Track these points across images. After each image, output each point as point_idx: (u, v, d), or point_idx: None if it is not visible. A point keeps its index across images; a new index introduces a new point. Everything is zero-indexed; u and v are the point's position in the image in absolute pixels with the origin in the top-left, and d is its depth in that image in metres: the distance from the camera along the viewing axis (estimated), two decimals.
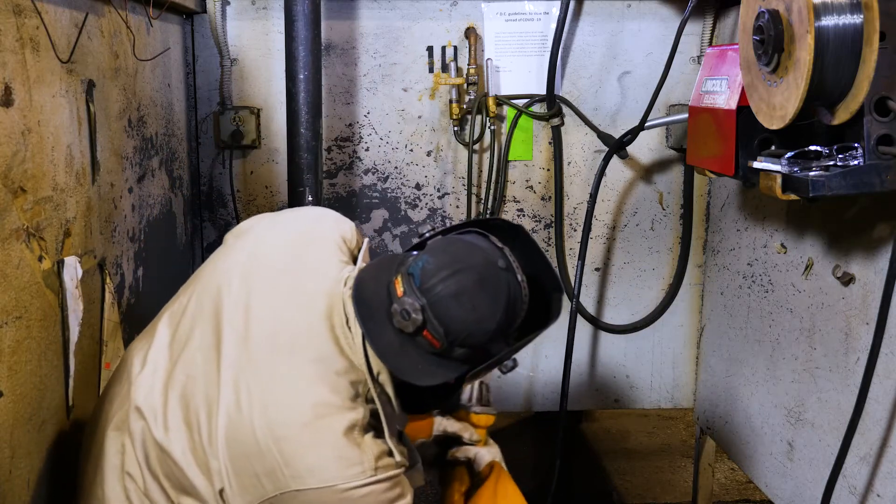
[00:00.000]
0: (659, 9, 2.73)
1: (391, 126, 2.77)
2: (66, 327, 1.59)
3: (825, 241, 2.04)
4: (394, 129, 2.77)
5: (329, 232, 1.60)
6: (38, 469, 1.49)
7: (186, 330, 1.52)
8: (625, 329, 2.94)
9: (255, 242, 1.58)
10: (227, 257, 1.58)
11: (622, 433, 4.18)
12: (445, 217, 2.84)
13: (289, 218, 1.69)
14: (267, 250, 1.56)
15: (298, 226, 1.63)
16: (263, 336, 1.45)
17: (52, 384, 1.55)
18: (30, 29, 1.44)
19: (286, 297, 1.49)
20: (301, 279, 1.51)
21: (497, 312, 1.38)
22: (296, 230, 1.62)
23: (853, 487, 1.89)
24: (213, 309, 1.50)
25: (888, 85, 1.49)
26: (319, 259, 1.54)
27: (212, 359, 1.47)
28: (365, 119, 2.76)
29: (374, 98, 2.75)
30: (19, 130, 1.40)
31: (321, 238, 1.59)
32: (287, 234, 1.60)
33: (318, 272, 1.52)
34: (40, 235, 1.48)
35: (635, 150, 2.80)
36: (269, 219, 1.68)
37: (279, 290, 1.49)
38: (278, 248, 1.57)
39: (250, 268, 1.53)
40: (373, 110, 2.76)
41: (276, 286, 1.50)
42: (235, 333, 1.46)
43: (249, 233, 1.62)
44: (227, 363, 1.44)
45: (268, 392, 1.40)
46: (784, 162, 1.67)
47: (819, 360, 2.06)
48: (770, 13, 1.55)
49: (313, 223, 1.63)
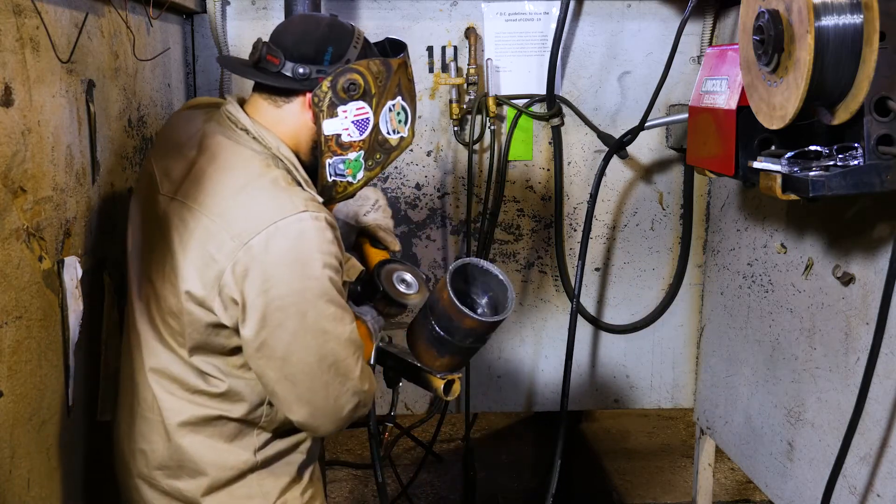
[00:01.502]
0: (659, 9, 2.73)
1: None
2: (66, 327, 1.59)
3: (825, 241, 2.04)
4: None
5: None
6: (38, 469, 1.49)
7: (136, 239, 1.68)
8: (625, 329, 2.94)
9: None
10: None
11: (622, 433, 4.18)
12: (445, 217, 2.84)
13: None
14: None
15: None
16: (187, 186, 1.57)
17: (52, 384, 1.55)
18: (30, 29, 1.44)
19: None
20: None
21: (320, 24, 1.59)
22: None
23: (853, 487, 1.89)
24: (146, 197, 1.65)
25: (888, 85, 1.49)
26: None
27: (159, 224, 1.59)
28: None
29: None
30: (19, 130, 1.40)
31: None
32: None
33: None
34: (40, 235, 1.48)
35: (635, 150, 2.80)
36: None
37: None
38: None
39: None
40: None
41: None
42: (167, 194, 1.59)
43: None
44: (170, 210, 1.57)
45: (204, 204, 1.51)
46: (784, 162, 1.66)
47: (819, 360, 2.06)
48: (770, 13, 1.55)
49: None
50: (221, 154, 1.55)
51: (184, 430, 1.58)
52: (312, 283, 1.47)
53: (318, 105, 1.55)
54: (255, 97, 1.62)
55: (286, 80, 1.56)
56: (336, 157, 1.59)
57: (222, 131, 1.59)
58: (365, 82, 1.56)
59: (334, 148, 1.59)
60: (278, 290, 1.46)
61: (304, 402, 1.54)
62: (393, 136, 1.64)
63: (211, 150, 1.56)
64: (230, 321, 1.50)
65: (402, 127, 1.66)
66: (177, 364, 1.57)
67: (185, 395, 1.58)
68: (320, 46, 1.56)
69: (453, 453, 3.85)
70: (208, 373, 1.57)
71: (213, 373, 1.57)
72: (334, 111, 1.56)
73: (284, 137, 1.59)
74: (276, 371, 1.51)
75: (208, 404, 1.58)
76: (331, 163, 1.60)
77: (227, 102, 1.63)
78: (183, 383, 1.57)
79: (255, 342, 1.49)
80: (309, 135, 1.60)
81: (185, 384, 1.57)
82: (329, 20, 1.61)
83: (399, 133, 1.65)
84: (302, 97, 1.57)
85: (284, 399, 1.54)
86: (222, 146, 1.56)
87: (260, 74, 1.58)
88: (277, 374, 1.51)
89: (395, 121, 1.64)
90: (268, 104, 1.60)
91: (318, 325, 1.49)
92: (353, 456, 3.88)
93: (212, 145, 1.57)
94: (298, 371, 1.51)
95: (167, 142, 1.68)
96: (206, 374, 1.57)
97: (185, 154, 1.59)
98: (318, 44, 1.56)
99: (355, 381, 1.56)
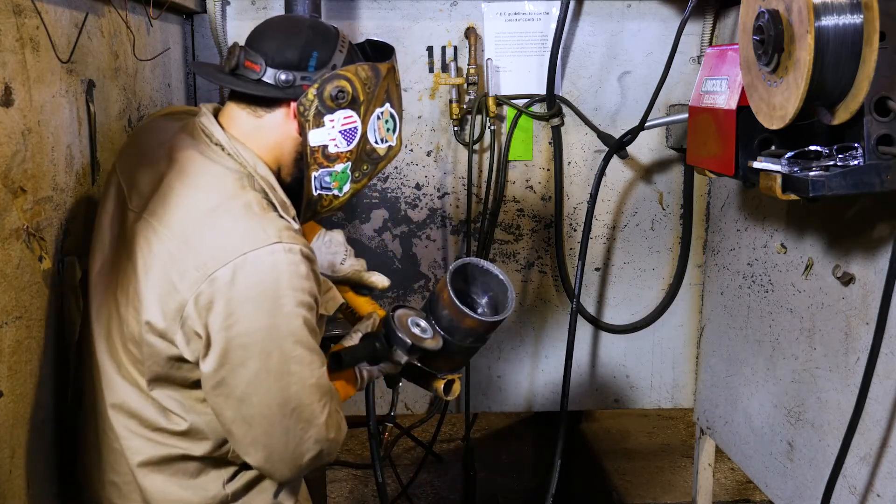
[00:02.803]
0: (659, 9, 2.73)
1: None
2: (66, 327, 1.59)
3: (825, 241, 2.04)
4: None
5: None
6: (38, 469, 1.49)
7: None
8: (625, 329, 2.94)
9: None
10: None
11: (622, 433, 4.18)
12: (445, 217, 2.84)
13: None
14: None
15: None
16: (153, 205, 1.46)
17: (52, 384, 1.55)
18: (30, 29, 1.44)
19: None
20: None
21: (302, 27, 1.50)
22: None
23: (853, 487, 1.89)
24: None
25: (888, 85, 1.49)
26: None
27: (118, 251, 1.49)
28: None
29: None
30: (19, 130, 1.40)
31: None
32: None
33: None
34: (40, 235, 1.48)
35: (635, 150, 2.80)
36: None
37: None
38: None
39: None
40: None
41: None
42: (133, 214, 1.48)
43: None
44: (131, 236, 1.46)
45: (169, 225, 1.40)
46: (784, 162, 1.66)
47: (819, 360, 2.06)
48: (770, 13, 1.55)
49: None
50: (192, 170, 1.44)
51: (145, 470, 1.47)
52: (280, 322, 1.36)
53: (303, 115, 1.45)
54: (231, 107, 1.51)
55: (268, 88, 1.45)
56: (322, 169, 1.49)
57: (195, 145, 1.48)
58: (353, 89, 1.46)
59: (321, 160, 1.49)
60: (242, 327, 1.35)
61: (261, 445, 1.43)
62: (381, 145, 1.55)
63: (180, 164, 1.45)
64: (192, 356, 1.39)
65: (391, 135, 1.56)
66: (136, 398, 1.46)
67: (145, 433, 1.47)
68: (304, 51, 1.46)
69: (453, 453, 3.85)
70: (169, 408, 1.46)
71: (174, 408, 1.46)
72: (321, 121, 1.46)
73: (264, 151, 1.48)
74: (233, 411, 1.41)
75: (169, 442, 1.47)
76: (317, 176, 1.50)
77: (201, 114, 1.51)
78: (143, 420, 1.46)
79: (213, 378, 1.39)
80: (293, 146, 1.50)
81: (145, 421, 1.46)
82: (311, 22, 1.52)
83: (387, 142, 1.56)
84: (285, 107, 1.47)
85: (240, 440, 1.44)
86: (193, 161, 1.45)
87: (238, 82, 1.46)
88: (234, 414, 1.41)
89: (383, 129, 1.54)
90: (246, 114, 1.49)
91: (283, 368, 1.38)
92: (353, 456, 3.88)
93: (182, 159, 1.45)
94: (257, 413, 1.40)
95: (136, 151, 1.57)
96: (167, 410, 1.46)
97: (155, 166, 1.48)
98: (301, 48, 1.46)
99: (319, 427, 1.45)
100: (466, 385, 2.87)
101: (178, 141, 1.50)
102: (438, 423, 3.12)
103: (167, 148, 1.49)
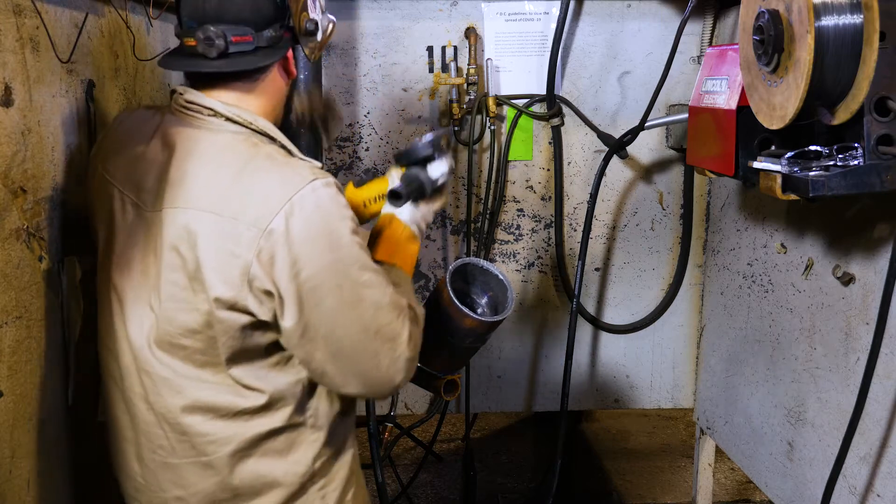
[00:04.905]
0: (659, 9, 2.73)
1: (391, 126, 2.77)
2: (66, 327, 1.59)
3: (825, 241, 2.04)
4: (394, 129, 2.77)
5: None
6: (38, 469, 1.49)
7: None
8: (625, 329, 2.94)
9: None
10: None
11: (622, 433, 4.18)
12: (445, 217, 2.84)
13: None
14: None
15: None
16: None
17: (52, 384, 1.55)
18: (30, 29, 1.44)
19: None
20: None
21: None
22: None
23: (853, 487, 1.89)
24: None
25: (888, 85, 1.49)
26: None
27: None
28: (365, 119, 2.76)
29: (374, 98, 2.75)
30: (19, 130, 1.40)
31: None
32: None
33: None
34: (40, 235, 1.48)
35: (635, 150, 2.80)
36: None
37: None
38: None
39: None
40: (373, 110, 2.76)
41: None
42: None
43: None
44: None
45: (199, 204, 1.39)
46: (784, 162, 1.66)
47: (819, 360, 2.06)
48: (770, 13, 1.55)
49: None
50: (196, 147, 1.42)
51: (233, 460, 1.47)
52: (342, 254, 1.39)
53: (294, 58, 1.54)
54: (212, 93, 1.47)
55: (265, 53, 1.45)
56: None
57: (188, 123, 1.46)
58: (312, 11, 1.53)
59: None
60: (308, 271, 1.36)
61: (357, 373, 1.45)
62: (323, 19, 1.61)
63: (182, 145, 1.43)
64: (268, 315, 1.39)
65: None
66: (207, 389, 1.45)
67: (224, 422, 1.46)
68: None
69: (453, 453, 3.85)
70: (248, 385, 1.45)
71: (252, 383, 1.45)
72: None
73: (259, 110, 1.49)
74: (322, 351, 1.42)
75: (252, 423, 1.47)
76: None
77: (183, 91, 1.48)
78: (220, 410, 1.45)
79: (297, 330, 1.39)
80: (284, 92, 1.55)
81: (222, 409, 1.45)
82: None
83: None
84: (276, 63, 1.51)
85: (336, 377, 1.45)
86: (194, 139, 1.43)
87: (242, 62, 1.44)
88: (324, 354, 1.42)
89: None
90: (240, 86, 1.48)
91: (356, 295, 1.40)
92: None
93: (181, 140, 1.43)
94: (346, 345, 1.42)
95: (122, 152, 1.52)
96: (244, 388, 1.45)
97: (152, 159, 1.45)
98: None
99: (403, 343, 1.46)
100: (466, 385, 2.88)
101: (168, 126, 1.47)
102: (438, 423, 3.12)
103: (159, 137, 1.47)
